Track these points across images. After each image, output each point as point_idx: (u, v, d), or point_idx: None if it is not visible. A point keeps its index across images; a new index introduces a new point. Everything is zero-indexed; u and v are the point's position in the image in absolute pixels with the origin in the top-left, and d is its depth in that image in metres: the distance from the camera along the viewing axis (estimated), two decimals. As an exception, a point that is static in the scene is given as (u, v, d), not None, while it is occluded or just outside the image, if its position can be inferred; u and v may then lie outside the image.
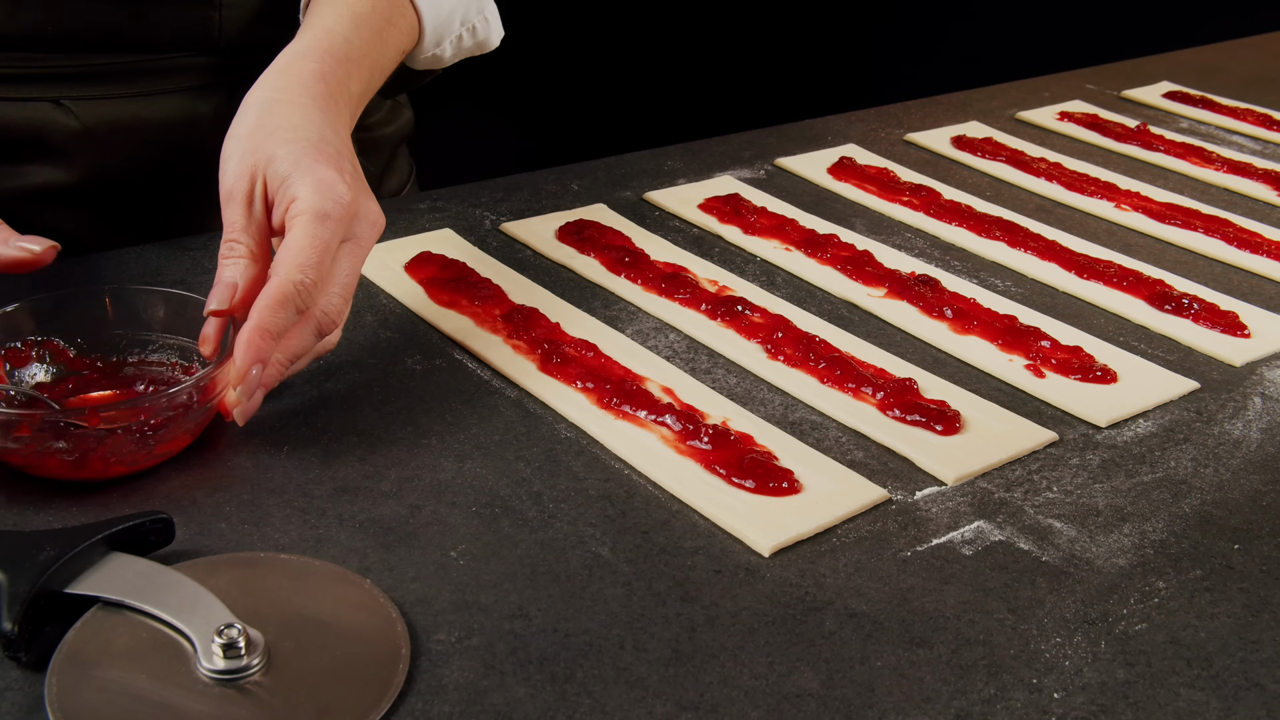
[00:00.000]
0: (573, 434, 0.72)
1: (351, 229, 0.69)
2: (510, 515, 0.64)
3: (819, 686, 0.54)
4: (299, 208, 0.68)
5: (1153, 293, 0.91)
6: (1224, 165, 1.19)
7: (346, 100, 0.78)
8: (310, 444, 0.69)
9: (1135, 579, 0.62)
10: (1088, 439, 0.74)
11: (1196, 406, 0.79)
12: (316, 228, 0.67)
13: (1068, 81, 1.47)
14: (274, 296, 0.65)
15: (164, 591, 0.54)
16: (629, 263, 0.91)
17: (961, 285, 0.91)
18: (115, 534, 0.56)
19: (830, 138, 1.23)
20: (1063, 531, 0.66)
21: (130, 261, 0.89)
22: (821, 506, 0.66)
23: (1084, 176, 1.14)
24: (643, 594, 0.59)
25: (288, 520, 0.63)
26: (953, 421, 0.73)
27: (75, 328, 0.71)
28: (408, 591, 0.58)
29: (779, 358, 0.80)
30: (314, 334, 0.69)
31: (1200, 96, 1.41)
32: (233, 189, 0.70)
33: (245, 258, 0.69)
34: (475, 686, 0.53)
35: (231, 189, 0.70)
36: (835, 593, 0.60)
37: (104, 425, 0.62)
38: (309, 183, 0.68)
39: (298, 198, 0.68)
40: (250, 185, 0.69)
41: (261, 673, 0.52)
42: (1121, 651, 0.57)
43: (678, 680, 0.54)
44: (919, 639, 0.57)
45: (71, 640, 0.52)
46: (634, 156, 1.15)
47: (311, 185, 0.68)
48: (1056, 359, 0.82)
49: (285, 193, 0.69)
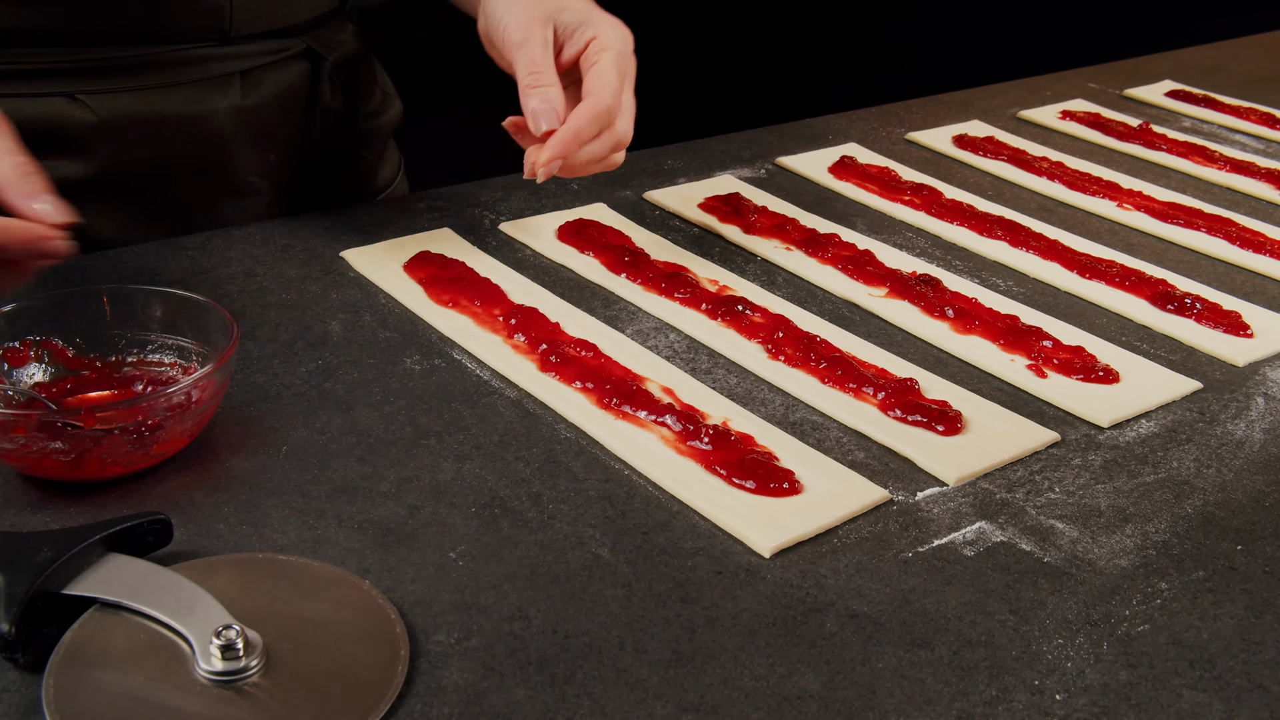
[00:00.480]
0: (572, 434, 0.72)
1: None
2: (510, 516, 0.64)
3: (820, 688, 0.54)
4: (602, 44, 0.83)
5: (1155, 292, 0.91)
6: (1227, 164, 1.19)
7: None
8: (309, 444, 0.69)
9: (1138, 580, 0.62)
10: (1090, 439, 0.74)
11: (1199, 407, 0.79)
12: (621, 62, 0.83)
13: (1070, 80, 1.47)
14: (592, 111, 0.80)
15: (162, 593, 0.54)
16: (629, 262, 0.91)
17: (963, 285, 0.91)
18: (113, 535, 0.56)
19: (831, 137, 1.23)
20: (1065, 532, 0.66)
21: (128, 261, 0.89)
22: (822, 507, 0.66)
23: (1086, 176, 1.14)
24: (643, 595, 0.59)
25: (286, 521, 0.63)
26: (954, 422, 0.73)
27: (74, 327, 0.71)
28: (407, 592, 0.58)
29: (780, 358, 0.80)
30: (613, 147, 0.83)
31: (1203, 95, 1.41)
32: (527, 36, 0.83)
33: (554, 85, 0.81)
34: (474, 688, 0.53)
35: (526, 36, 0.83)
36: (836, 594, 0.60)
37: (100, 426, 0.62)
38: (605, 25, 0.84)
39: (599, 36, 0.83)
40: (543, 30, 0.83)
41: (260, 674, 0.51)
42: (1124, 653, 0.57)
43: (678, 682, 0.54)
44: (920, 640, 0.57)
45: (69, 642, 0.52)
46: (634, 155, 1.15)
47: (609, 27, 0.85)
48: (1058, 359, 0.81)
49: (583, 33, 0.84)
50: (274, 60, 0.99)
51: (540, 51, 0.83)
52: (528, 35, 0.83)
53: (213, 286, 0.86)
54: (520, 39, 0.83)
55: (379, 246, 0.92)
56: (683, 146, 1.18)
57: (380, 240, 0.93)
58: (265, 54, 0.97)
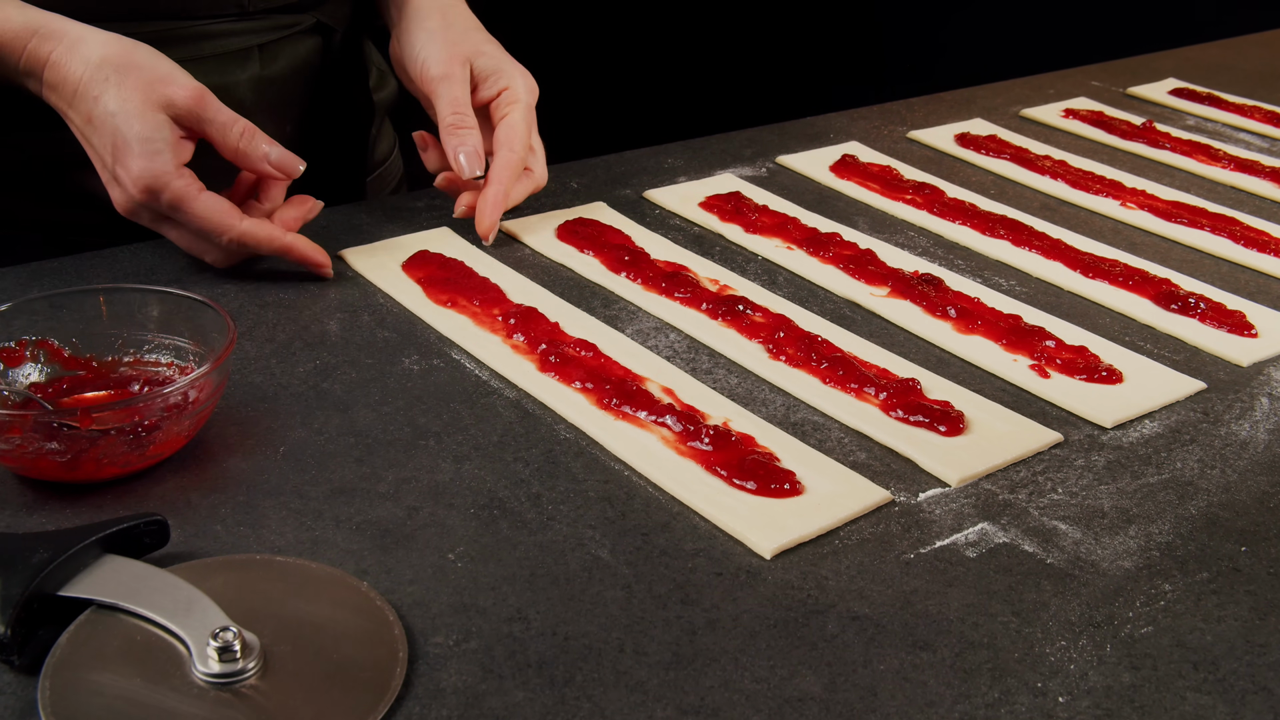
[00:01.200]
0: (572, 435, 0.72)
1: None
2: (509, 517, 0.64)
3: (821, 690, 0.54)
4: (513, 95, 0.92)
5: (1159, 292, 0.91)
6: (1231, 163, 1.19)
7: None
8: (306, 445, 0.69)
9: (1141, 581, 0.62)
10: (1093, 440, 0.74)
11: (1203, 407, 0.79)
12: (529, 114, 0.92)
13: (1073, 78, 1.47)
14: (511, 167, 0.90)
15: (158, 594, 0.54)
16: (629, 261, 0.91)
17: (965, 284, 0.91)
18: (109, 536, 0.56)
19: (832, 135, 1.23)
20: (1068, 533, 0.65)
21: (125, 260, 0.89)
22: (823, 508, 0.66)
23: (1089, 174, 1.14)
24: (643, 597, 0.59)
25: (284, 522, 0.63)
26: (956, 422, 0.73)
27: (70, 327, 0.71)
28: (405, 594, 0.58)
29: (780, 358, 0.80)
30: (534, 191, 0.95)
31: (1207, 93, 1.41)
32: (448, 72, 0.91)
33: (475, 128, 0.90)
34: (473, 690, 0.53)
35: (447, 72, 0.91)
36: (837, 595, 0.60)
37: (97, 426, 0.62)
38: (517, 75, 0.92)
39: (511, 87, 0.92)
40: (462, 70, 0.91)
41: (257, 676, 0.51)
42: (1127, 655, 0.57)
43: (678, 684, 0.54)
44: (922, 642, 0.57)
45: (65, 644, 0.52)
46: (634, 154, 1.15)
47: (520, 77, 0.93)
48: (1061, 359, 0.81)
49: (497, 81, 0.92)
50: (288, 34, 1.01)
51: (461, 90, 0.91)
52: (449, 71, 0.91)
53: (210, 286, 0.86)
54: (441, 74, 0.90)
55: (377, 245, 0.92)
56: (683, 145, 1.18)
57: (379, 239, 0.93)
58: (280, 28, 1.01)
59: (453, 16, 0.95)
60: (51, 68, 0.79)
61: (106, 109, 0.77)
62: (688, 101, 2.72)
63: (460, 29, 0.94)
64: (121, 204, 0.80)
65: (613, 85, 2.62)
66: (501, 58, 0.93)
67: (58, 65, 0.78)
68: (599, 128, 2.61)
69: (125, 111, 0.77)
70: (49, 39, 0.79)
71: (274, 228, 0.83)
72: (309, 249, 0.85)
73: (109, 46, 0.79)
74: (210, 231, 0.80)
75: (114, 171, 0.79)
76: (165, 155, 0.78)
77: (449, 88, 0.90)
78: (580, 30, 2.68)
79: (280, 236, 0.83)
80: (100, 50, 0.78)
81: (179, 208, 0.79)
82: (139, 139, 0.77)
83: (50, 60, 0.79)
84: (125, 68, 0.78)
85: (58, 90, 0.79)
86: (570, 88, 2.75)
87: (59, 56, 0.79)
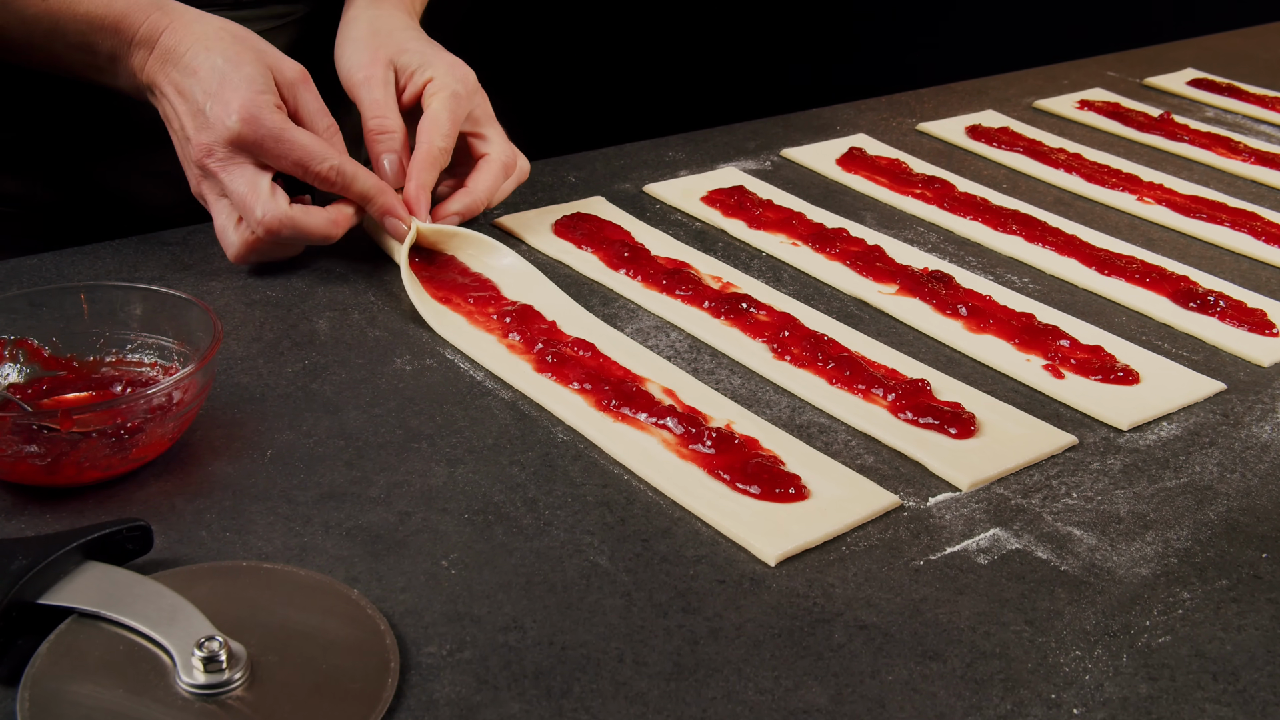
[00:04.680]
0: (570, 437, 0.72)
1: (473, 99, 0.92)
2: (504, 523, 0.64)
3: (827, 702, 0.54)
4: (436, 85, 0.89)
5: (1177, 289, 0.91)
6: (1251, 156, 1.19)
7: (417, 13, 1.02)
8: (295, 448, 0.69)
9: (1158, 589, 0.62)
10: (1109, 443, 0.74)
11: (1223, 409, 0.79)
12: (451, 102, 0.89)
13: (1088, 68, 1.47)
14: (424, 160, 0.87)
15: (142, 602, 0.54)
16: (628, 258, 0.91)
17: (977, 282, 0.91)
18: (90, 542, 0.56)
19: (839, 127, 1.23)
20: (1082, 540, 0.66)
21: (106, 257, 0.89)
22: (830, 513, 0.66)
23: (1105, 168, 1.14)
24: (643, 605, 0.59)
25: (271, 528, 0.63)
26: (967, 424, 0.73)
27: (50, 326, 0.71)
28: (397, 602, 0.58)
29: (785, 358, 0.80)
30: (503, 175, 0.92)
31: (1226, 84, 1.41)
32: (369, 75, 0.90)
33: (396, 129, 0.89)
34: (467, 702, 0.53)
35: (367, 75, 0.90)
36: (844, 604, 0.60)
37: (78, 428, 0.62)
38: (442, 65, 0.91)
39: (435, 78, 0.90)
40: (384, 71, 0.90)
41: (244, 687, 0.51)
42: (1144, 665, 0.57)
43: (679, 695, 0.54)
44: (932, 652, 0.57)
45: (45, 653, 0.52)
46: (634, 147, 1.15)
47: (446, 67, 0.91)
48: (1076, 359, 0.82)
49: (421, 74, 0.90)
50: (281, 24, 1.03)
51: (382, 92, 0.90)
52: (369, 75, 0.90)
53: (195, 283, 0.86)
54: (362, 78, 0.91)
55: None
56: (684, 138, 1.18)
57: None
58: (272, 18, 1.02)
59: (380, 22, 0.95)
60: (170, 32, 0.83)
61: (214, 62, 0.82)
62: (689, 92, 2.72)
63: (385, 32, 0.94)
64: (206, 139, 0.82)
65: (611, 75, 2.63)
66: (427, 50, 0.92)
67: (176, 31, 0.83)
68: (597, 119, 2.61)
69: (234, 62, 0.82)
70: (169, 13, 0.84)
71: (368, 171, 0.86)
72: (395, 198, 0.87)
73: (225, 24, 0.85)
74: (311, 159, 0.82)
75: (206, 110, 0.81)
76: (269, 95, 0.82)
77: (368, 91, 0.90)
78: (577, 18, 2.68)
79: (373, 175, 0.86)
80: (217, 24, 0.84)
81: (279, 136, 0.81)
82: (246, 78, 0.81)
83: (169, 27, 0.83)
84: (239, 35, 0.84)
85: (167, 55, 0.83)
86: (567, 78, 2.75)
87: (178, 26, 0.84)
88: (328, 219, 0.85)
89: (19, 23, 0.84)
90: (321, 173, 0.83)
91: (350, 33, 0.94)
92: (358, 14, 0.95)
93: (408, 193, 0.88)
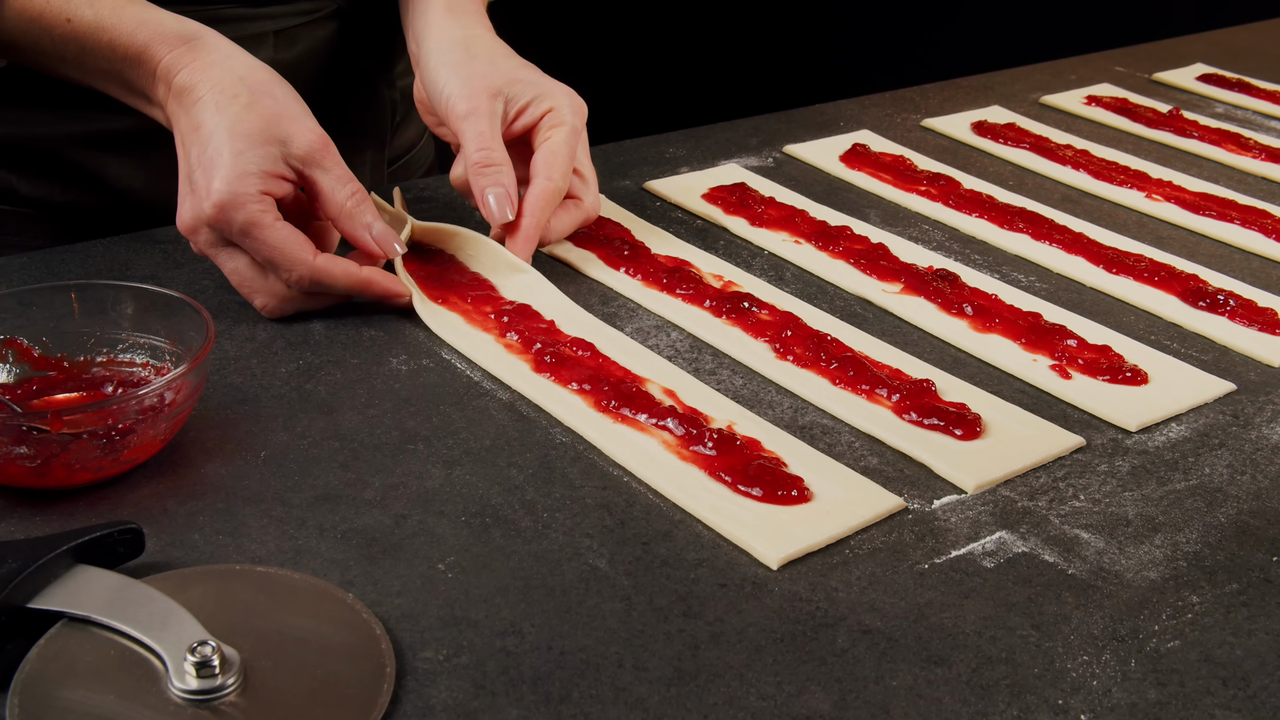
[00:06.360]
0: (569, 439, 0.72)
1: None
2: (502, 525, 0.64)
3: (830, 708, 0.54)
4: (557, 118, 0.89)
5: (1186, 288, 0.91)
6: (1262, 152, 1.19)
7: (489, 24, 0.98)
8: (289, 450, 0.69)
9: (1167, 593, 0.62)
10: (1117, 444, 0.74)
11: (1233, 409, 0.79)
12: (572, 138, 0.88)
13: (1095, 63, 1.47)
14: (543, 197, 0.86)
15: (133, 606, 0.54)
16: (628, 256, 0.91)
17: (982, 280, 0.92)
18: (81, 545, 0.56)
19: (842, 123, 1.23)
20: (1090, 543, 0.66)
21: (98, 255, 0.89)
22: (833, 516, 0.66)
23: (1113, 165, 1.14)
24: (643, 609, 0.59)
25: (265, 531, 0.63)
26: (973, 425, 0.73)
27: (40, 325, 0.71)
28: (393, 606, 0.58)
29: (788, 358, 0.80)
30: (582, 222, 0.92)
31: (1236, 79, 1.41)
32: (474, 107, 0.88)
33: (504, 163, 0.86)
34: (464, 708, 0.53)
35: (472, 107, 0.88)
36: (848, 608, 0.60)
37: (68, 429, 0.62)
38: (561, 96, 0.90)
39: (556, 109, 0.89)
40: (490, 102, 0.88)
41: (237, 693, 0.52)
42: (1153, 670, 0.57)
43: (680, 701, 0.54)
44: (937, 657, 0.57)
45: (34, 659, 0.52)
46: (634, 143, 1.15)
47: (564, 97, 0.90)
48: (1083, 359, 0.82)
49: (539, 105, 0.89)
50: (307, 21, 1.02)
51: (488, 125, 0.88)
52: (474, 107, 0.88)
53: (187, 282, 0.86)
54: (466, 110, 0.88)
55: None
56: (685, 134, 1.18)
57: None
58: (298, 14, 1.01)
59: (476, 47, 0.91)
60: (188, 71, 0.80)
61: (219, 123, 0.78)
62: (690, 88, 2.72)
63: (486, 59, 0.90)
64: (187, 217, 0.78)
65: (611, 71, 2.63)
66: (540, 80, 0.90)
67: (195, 72, 0.80)
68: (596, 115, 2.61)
69: (235, 132, 0.77)
70: (194, 48, 0.81)
71: (348, 263, 0.81)
72: (387, 282, 0.82)
73: (253, 71, 0.81)
74: (281, 262, 0.78)
75: (194, 181, 0.78)
76: (253, 179, 0.76)
77: (474, 124, 0.87)
78: (576, 12, 2.68)
79: (356, 271, 0.80)
80: (242, 71, 0.80)
81: (251, 232, 0.76)
82: (233, 156, 0.77)
83: (189, 65, 0.80)
84: (258, 92, 0.79)
85: (181, 95, 0.80)
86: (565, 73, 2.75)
87: (199, 67, 0.80)
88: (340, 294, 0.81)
89: (50, 42, 0.83)
90: (291, 280, 0.78)
91: (443, 57, 0.90)
92: (446, 34, 0.92)
93: (522, 230, 0.86)
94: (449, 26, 0.92)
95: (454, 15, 0.93)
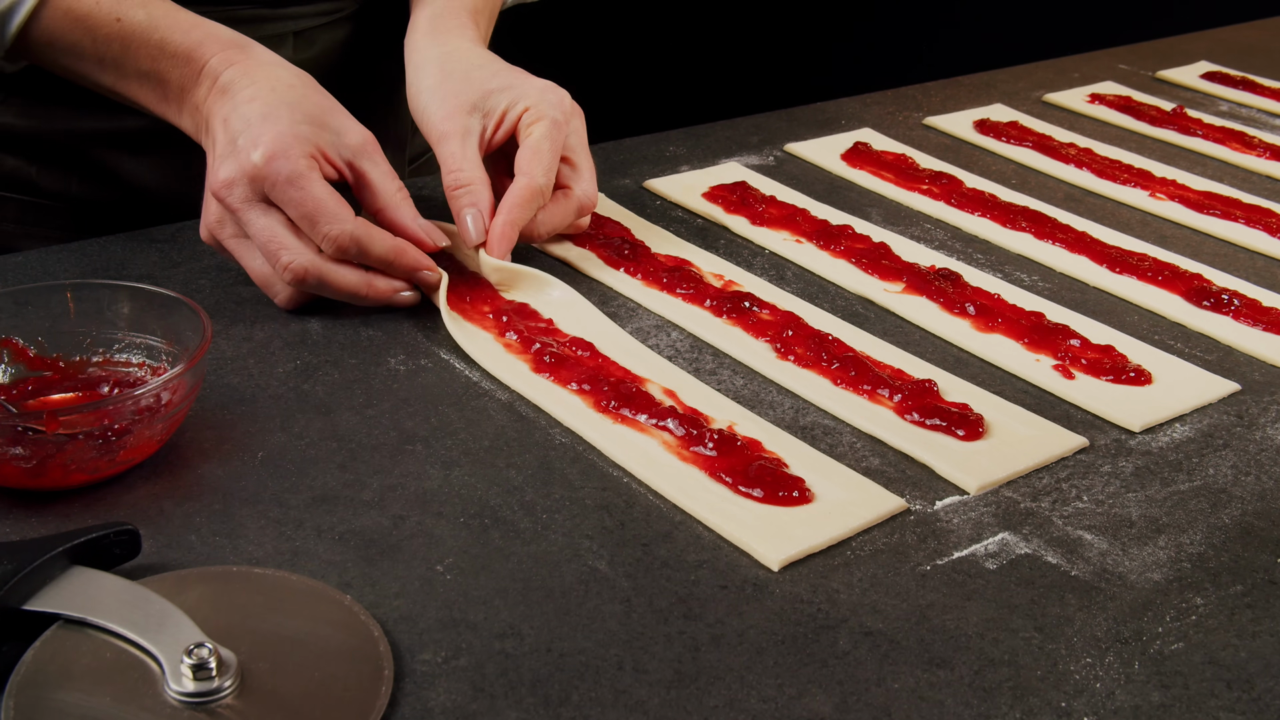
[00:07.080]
0: (568, 439, 0.72)
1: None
2: (501, 526, 0.64)
3: (832, 710, 0.54)
4: (535, 114, 0.87)
5: (1190, 288, 0.91)
6: (1267, 151, 1.19)
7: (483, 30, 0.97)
8: (286, 450, 0.69)
9: (1171, 595, 0.62)
10: (1120, 445, 0.74)
11: (1237, 410, 0.79)
12: (552, 131, 0.86)
13: (1099, 61, 1.47)
14: (522, 195, 0.84)
15: (129, 608, 0.54)
16: (628, 255, 0.91)
17: (985, 280, 0.91)
18: (77, 547, 0.56)
19: (844, 121, 1.23)
20: (1093, 544, 0.66)
21: (94, 255, 0.89)
22: (834, 517, 0.66)
23: (1116, 163, 1.14)
24: (643, 611, 0.59)
25: (262, 532, 0.63)
26: (975, 426, 0.73)
27: (35, 325, 0.71)
28: (391, 608, 0.58)
29: (789, 358, 0.80)
30: (577, 213, 0.90)
31: (1241, 77, 1.41)
32: (445, 130, 0.87)
33: (478, 181, 0.85)
34: (463, 710, 0.53)
35: (444, 131, 0.87)
36: (849, 610, 0.60)
37: (64, 430, 0.62)
38: (535, 93, 0.88)
39: (531, 106, 0.87)
40: (463, 120, 0.87)
41: (234, 695, 0.51)
42: (1157, 673, 0.57)
43: (680, 703, 0.54)
44: (939, 659, 0.57)
45: (30, 661, 0.52)
46: (633, 141, 1.15)
47: (539, 93, 0.88)
48: (1087, 359, 0.82)
49: (515, 109, 0.87)
50: (326, 22, 1.03)
51: (459, 145, 0.87)
52: (446, 129, 0.87)
53: (184, 281, 0.86)
54: (440, 133, 0.87)
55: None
56: (686, 132, 1.18)
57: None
58: (318, 15, 1.02)
59: (450, 63, 0.90)
60: (237, 69, 0.81)
61: (274, 100, 0.79)
62: (690, 86, 2.72)
63: (460, 75, 0.89)
64: (226, 172, 0.78)
65: (611, 69, 2.63)
66: (515, 83, 0.88)
67: (246, 69, 0.81)
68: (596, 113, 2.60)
69: (293, 107, 0.79)
70: (245, 50, 0.83)
71: (383, 230, 0.81)
72: (418, 253, 0.82)
73: (300, 75, 0.83)
74: (322, 217, 0.77)
75: (237, 145, 0.78)
76: (306, 143, 0.78)
77: (446, 146, 0.87)
78: (577, 11, 2.68)
79: (391, 238, 0.81)
80: (291, 74, 0.83)
81: (296, 182, 0.77)
82: (290, 123, 0.78)
83: (239, 64, 0.82)
84: (309, 89, 0.82)
85: (226, 89, 0.81)
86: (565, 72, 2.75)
87: (250, 65, 0.82)
88: (362, 279, 0.81)
89: (91, 42, 0.83)
90: (330, 235, 0.78)
91: (422, 80, 0.90)
92: (424, 55, 0.92)
93: (495, 228, 0.84)
94: (425, 47, 0.92)
95: (433, 35, 0.93)
